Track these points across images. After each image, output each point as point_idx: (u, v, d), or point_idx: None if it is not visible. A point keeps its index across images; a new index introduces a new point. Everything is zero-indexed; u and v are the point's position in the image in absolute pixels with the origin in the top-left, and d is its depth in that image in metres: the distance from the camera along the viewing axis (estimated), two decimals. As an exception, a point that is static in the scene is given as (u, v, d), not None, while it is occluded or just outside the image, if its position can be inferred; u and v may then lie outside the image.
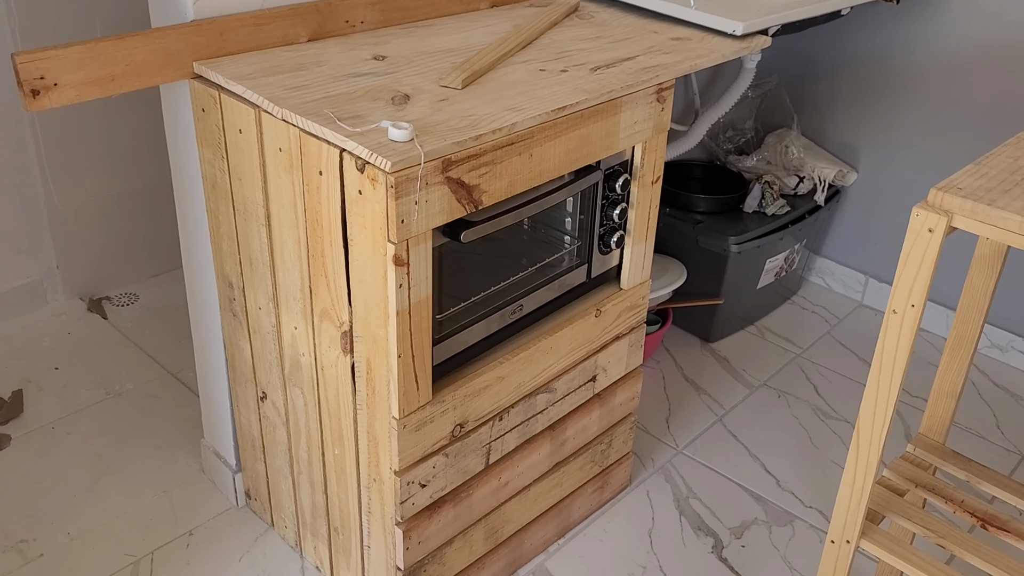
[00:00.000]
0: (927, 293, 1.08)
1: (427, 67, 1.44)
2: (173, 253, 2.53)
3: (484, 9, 1.77)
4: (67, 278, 2.43)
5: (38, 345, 2.28)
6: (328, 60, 1.45)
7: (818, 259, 2.74)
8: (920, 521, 1.31)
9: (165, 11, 1.42)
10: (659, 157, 1.58)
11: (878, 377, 1.16)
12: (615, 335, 1.69)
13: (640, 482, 1.97)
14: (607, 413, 1.76)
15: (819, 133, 2.64)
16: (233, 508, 1.83)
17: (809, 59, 2.59)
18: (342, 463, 1.49)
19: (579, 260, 1.58)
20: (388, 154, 1.14)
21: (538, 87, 1.39)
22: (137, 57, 1.31)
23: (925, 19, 2.33)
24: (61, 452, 1.95)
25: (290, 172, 1.31)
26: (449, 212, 1.24)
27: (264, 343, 1.54)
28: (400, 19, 1.64)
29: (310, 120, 1.23)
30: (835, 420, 2.20)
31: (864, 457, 1.22)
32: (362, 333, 1.32)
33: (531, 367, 1.52)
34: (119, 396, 2.12)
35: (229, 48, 1.42)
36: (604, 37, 1.65)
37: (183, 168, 1.56)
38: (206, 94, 1.39)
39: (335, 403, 1.44)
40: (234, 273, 1.54)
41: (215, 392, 1.76)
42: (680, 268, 2.33)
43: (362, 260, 1.25)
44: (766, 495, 1.96)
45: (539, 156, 1.33)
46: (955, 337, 1.41)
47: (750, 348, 2.45)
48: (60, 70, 1.24)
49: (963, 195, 1.02)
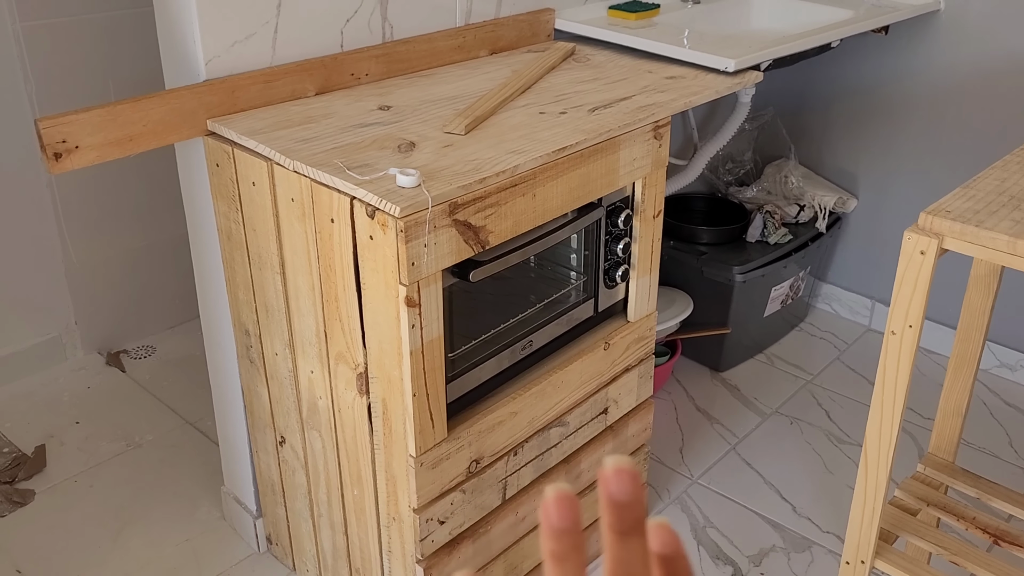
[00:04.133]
0: (924, 313, 1.11)
1: (431, 115, 1.50)
2: (187, 305, 2.58)
3: (483, 56, 1.83)
4: (85, 333, 2.48)
5: (59, 400, 2.32)
6: (335, 112, 1.50)
7: (824, 285, 2.77)
8: (934, 539, 1.32)
9: (179, 72, 1.48)
10: (659, 191, 1.63)
11: (881, 398, 1.18)
12: (624, 367, 1.72)
13: (656, 513, 1.98)
14: (620, 445, 1.79)
15: (817, 162, 2.68)
16: (255, 554, 1.85)
17: (803, 90, 2.65)
18: (361, 503, 1.52)
19: (586, 295, 1.62)
20: (397, 200, 1.18)
21: (539, 129, 1.43)
22: (153, 117, 1.37)
23: (914, 48, 2.39)
24: (84, 505, 1.98)
25: (303, 221, 1.35)
26: (457, 253, 1.28)
27: (281, 388, 1.58)
28: (403, 70, 1.70)
29: (320, 170, 1.28)
30: (848, 444, 2.21)
31: (873, 477, 1.24)
32: (377, 374, 1.35)
33: (543, 401, 1.55)
34: (139, 447, 2.16)
35: (240, 105, 1.48)
36: (600, 79, 1.70)
37: (199, 221, 1.61)
38: (220, 150, 1.45)
39: (353, 444, 1.47)
40: (250, 321, 1.58)
41: (234, 439, 1.79)
42: (686, 299, 2.37)
43: (375, 303, 1.29)
44: (783, 522, 1.97)
45: (542, 196, 1.38)
46: (957, 356, 1.43)
47: (760, 376, 2.47)
48: (81, 133, 1.30)
49: (952, 217, 1.06)
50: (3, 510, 1.95)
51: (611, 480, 0.35)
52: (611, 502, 0.35)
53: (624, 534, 0.35)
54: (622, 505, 0.35)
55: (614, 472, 0.35)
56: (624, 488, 0.35)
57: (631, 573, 0.36)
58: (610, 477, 0.35)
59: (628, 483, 0.35)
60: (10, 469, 2.06)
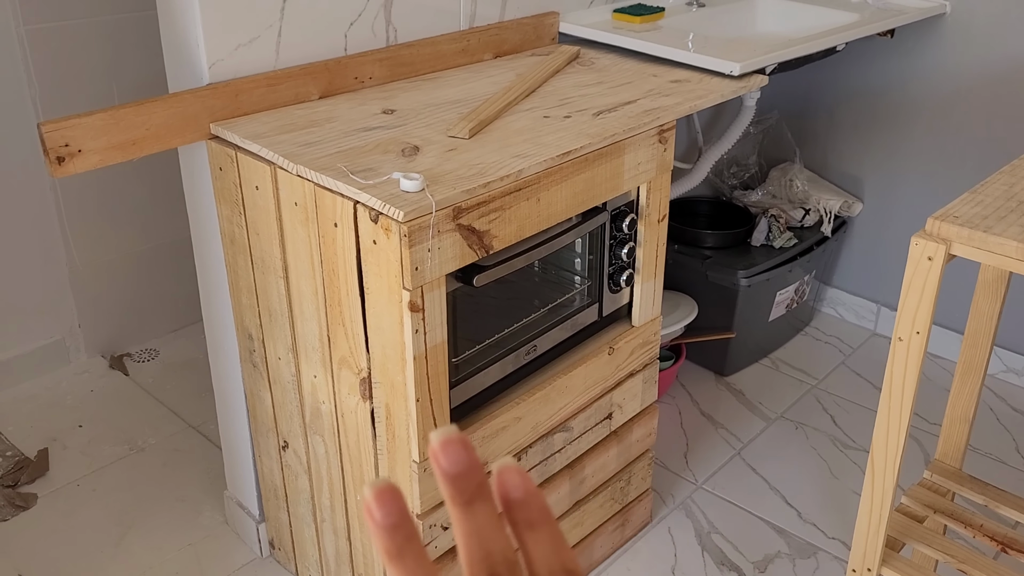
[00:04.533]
0: (931, 319, 1.10)
1: (435, 119, 1.49)
2: (190, 308, 2.57)
3: (487, 60, 1.83)
4: (89, 337, 2.48)
5: (62, 404, 2.32)
6: (339, 116, 1.50)
7: (829, 289, 2.76)
8: (941, 547, 1.31)
9: (182, 76, 1.48)
10: (664, 196, 1.62)
11: (888, 404, 1.17)
12: (629, 372, 1.71)
13: (661, 519, 1.97)
14: (624, 450, 1.78)
15: (822, 165, 2.67)
16: (258, 558, 1.84)
17: (808, 94, 2.64)
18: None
19: (590, 299, 1.61)
20: (401, 204, 1.18)
21: (543, 133, 1.43)
22: (157, 121, 1.37)
23: (920, 51, 2.38)
24: (87, 509, 1.97)
25: (306, 225, 1.35)
26: (461, 258, 1.27)
27: (284, 393, 1.57)
28: (407, 73, 1.70)
29: (324, 175, 1.27)
30: (854, 450, 2.20)
31: (880, 484, 1.23)
32: (380, 379, 1.35)
33: (547, 407, 1.54)
34: (142, 451, 2.15)
35: (244, 109, 1.47)
36: (605, 82, 1.70)
37: (202, 225, 1.61)
38: (223, 153, 1.44)
39: (356, 449, 1.46)
40: (253, 325, 1.57)
41: (237, 443, 1.79)
42: (691, 304, 2.36)
43: (378, 308, 1.29)
44: (788, 528, 1.96)
45: (546, 200, 1.37)
46: (964, 362, 1.42)
47: (765, 381, 2.46)
48: (84, 137, 1.29)
49: (959, 223, 1.05)
50: (5, 514, 1.95)
51: (440, 454, 0.33)
52: (446, 476, 0.33)
53: (468, 504, 0.34)
54: (458, 475, 0.33)
55: (441, 445, 0.33)
56: (456, 458, 0.33)
57: (486, 541, 0.34)
58: (438, 451, 0.33)
59: (460, 452, 0.33)
60: (13, 473, 2.06)
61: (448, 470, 0.33)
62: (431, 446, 0.34)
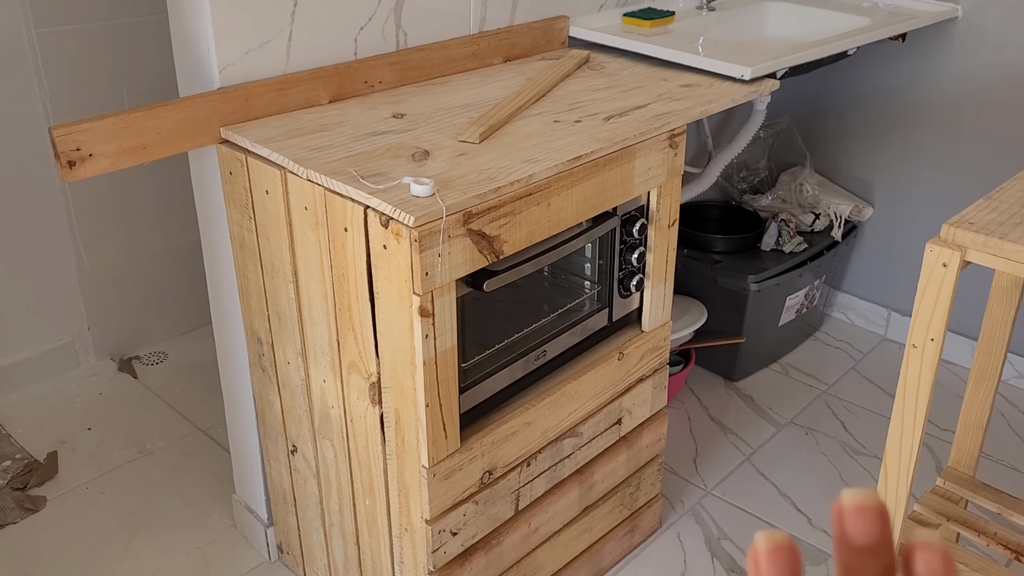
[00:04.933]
0: (946, 326, 1.09)
1: (445, 123, 1.49)
2: (200, 311, 2.58)
3: (497, 64, 1.82)
4: (98, 339, 2.48)
5: (71, 406, 2.32)
6: (349, 120, 1.49)
7: (839, 295, 2.74)
8: (954, 555, 1.30)
9: (193, 80, 1.48)
10: (674, 201, 1.61)
11: (902, 412, 1.16)
12: (639, 377, 1.70)
13: (670, 524, 1.96)
14: (634, 456, 1.77)
15: (833, 170, 2.66)
16: (266, 562, 1.84)
17: (819, 98, 2.63)
18: (373, 514, 1.50)
19: (600, 304, 1.60)
20: (411, 209, 1.17)
21: (553, 138, 1.42)
22: (167, 126, 1.37)
23: (932, 55, 2.36)
24: (95, 512, 1.97)
25: (316, 230, 1.35)
26: (471, 263, 1.27)
27: (294, 397, 1.57)
28: (417, 77, 1.69)
29: (334, 179, 1.27)
30: (865, 456, 2.18)
31: (893, 492, 1.22)
32: (390, 384, 1.34)
33: (557, 412, 1.54)
34: (151, 454, 2.15)
35: (254, 113, 1.47)
36: (615, 87, 1.69)
37: (211, 229, 1.61)
38: (233, 158, 1.44)
39: (365, 454, 1.46)
40: (263, 329, 1.57)
41: (246, 447, 1.79)
42: (700, 308, 2.35)
43: (388, 312, 1.29)
44: (798, 534, 1.94)
45: (557, 205, 1.37)
46: (978, 369, 1.41)
47: (775, 386, 2.45)
48: (95, 141, 1.29)
49: (975, 230, 1.04)
50: (15, 516, 1.95)
51: (848, 517, 0.27)
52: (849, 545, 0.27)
53: None
54: (864, 549, 0.27)
55: (855, 508, 0.27)
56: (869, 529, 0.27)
57: None
58: (847, 512, 0.27)
59: (874, 522, 0.27)
60: (22, 475, 2.06)
61: (856, 539, 0.27)
62: (842, 503, 0.27)
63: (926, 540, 0.27)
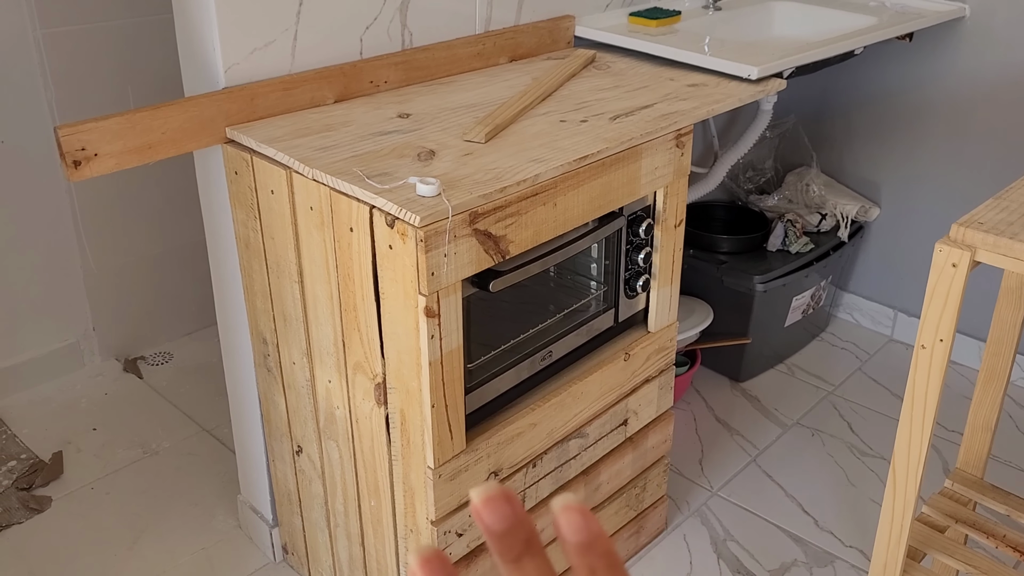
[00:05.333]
0: (955, 327, 1.08)
1: (450, 123, 1.48)
2: (204, 312, 2.57)
3: (503, 64, 1.82)
4: (103, 340, 2.48)
5: (76, 407, 2.32)
6: (354, 120, 1.49)
7: (845, 295, 2.73)
8: (962, 557, 1.29)
9: (198, 80, 1.47)
10: (681, 201, 1.61)
11: (910, 413, 1.16)
12: (645, 378, 1.69)
13: (676, 526, 1.96)
14: (640, 456, 1.76)
15: (839, 170, 2.65)
16: (271, 563, 1.84)
17: (825, 98, 2.62)
18: (378, 514, 1.50)
19: (606, 305, 1.60)
20: (417, 209, 1.17)
21: (559, 138, 1.42)
22: (173, 125, 1.36)
23: (938, 55, 2.35)
24: (101, 512, 1.97)
25: (321, 230, 1.34)
26: (477, 263, 1.26)
27: (299, 397, 1.57)
28: (422, 77, 1.69)
29: (340, 179, 1.27)
30: (871, 457, 2.17)
31: (901, 494, 1.21)
32: (395, 384, 1.34)
33: (562, 413, 1.53)
34: (156, 455, 2.15)
35: (259, 113, 1.47)
36: (622, 86, 1.68)
37: (217, 229, 1.61)
38: (238, 157, 1.44)
39: (370, 455, 1.45)
40: (268, 329, 1.57)
41: (251, 448, 1.78)
42: (706, 309, 2.34)
43: (394, 313, 1.28)
44: (805, 536, 1.94)
45: (563, 205, 1.36)
46: (987, 370, 1.40)
47: (781, 387, 2.44)
48: (100, 141, 1.29)
49: (985, 229, 1.03)
50: (20, 516, 1.95)
51: (483, 512, 0.32)
52: (492, 534, 0.32)
53: (517, 560, 0.32)
54: (505, 532, 0.32)
55: (484, 502, 0.32)
56: (501, 514, 0.32)
57: None
58: (481, 509, 0.32)
59: (502, 507, 0.32)
60: (27, 475, 2.06)
61: (494, 527, 0.32)
62: (472, 504, 0.32)
63: (564, 503, 0.32)
